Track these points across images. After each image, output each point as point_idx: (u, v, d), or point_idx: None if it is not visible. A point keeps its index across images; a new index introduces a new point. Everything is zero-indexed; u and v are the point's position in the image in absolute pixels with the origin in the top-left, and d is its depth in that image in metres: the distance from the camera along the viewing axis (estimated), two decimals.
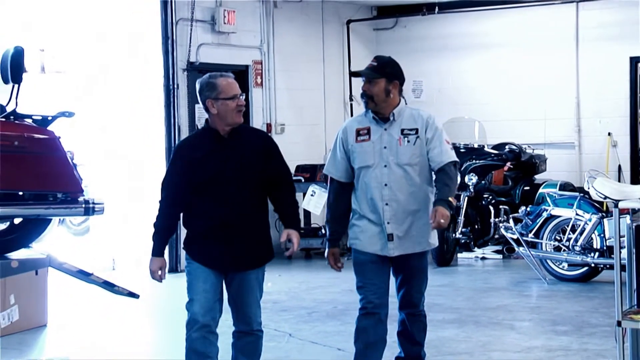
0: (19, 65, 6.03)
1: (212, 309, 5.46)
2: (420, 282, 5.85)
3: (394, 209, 5.62)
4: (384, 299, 5.73)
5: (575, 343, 7.59)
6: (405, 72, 5.94)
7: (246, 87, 12.93)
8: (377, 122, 5.71)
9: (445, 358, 7.19)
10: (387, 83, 5.69)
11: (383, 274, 5.74)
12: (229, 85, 5.43)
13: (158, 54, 11.74)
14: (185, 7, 11.91)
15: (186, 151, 5.51)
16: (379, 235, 5.69)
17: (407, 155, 5.62)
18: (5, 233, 6.40)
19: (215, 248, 5.47)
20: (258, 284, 5.60)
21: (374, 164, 5.64)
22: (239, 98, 5.45)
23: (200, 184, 5.42)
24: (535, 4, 13.56)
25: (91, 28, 10.91)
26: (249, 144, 5.50)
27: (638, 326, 4.85)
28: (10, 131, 5.95)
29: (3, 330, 8.20)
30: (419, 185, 5.66)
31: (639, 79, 13.50)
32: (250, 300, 5.56)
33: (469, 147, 12.51)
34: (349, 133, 5.75)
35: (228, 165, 5.42)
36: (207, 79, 5.48)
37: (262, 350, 5.70)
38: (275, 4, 13.22)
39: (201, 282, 5.45)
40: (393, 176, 5.62)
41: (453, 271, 11.34)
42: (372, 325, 5.74)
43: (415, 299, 5.83)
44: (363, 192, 5.71)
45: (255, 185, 5.49)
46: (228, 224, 5.43)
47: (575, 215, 10.21)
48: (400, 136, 5.63)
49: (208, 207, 5.45)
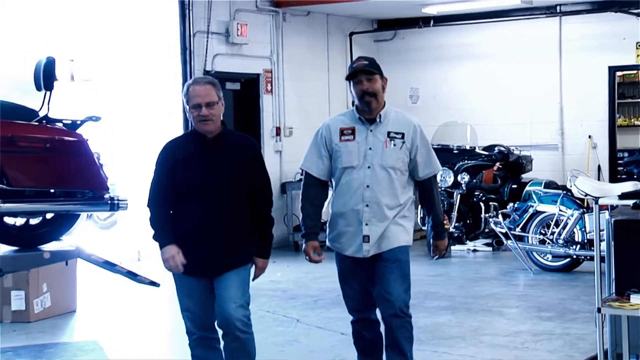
0: (50, 74, 6.04)
1: (205, 320, 5.06)
2: (395, 278, 5.18)
3: (373, 211, 5.15)
4: (368, 301, 5.29)
5: (558, 328, 7.59)
6: (403, 80, 5.95)
7: (257, 93, 12.97)
8: (362, 122, 5.21)
9: (439, 342, 7.19)
10: (381, 79, 5.21)
11: (363, 277, 5.27)
12: (195, 93, 4.91)
13: (177, 63, 11.77)
14: (202, 21, 11.94)
15: (170, 152, 5.02)
16: (355, 236, 5.19)
17: (392, 159, 5.16)
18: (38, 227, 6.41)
19: (196, 256, 4.95)
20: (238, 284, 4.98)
21: (358, 165, 5.16)
22: (201, 109, 4.88)
23: (180, 187, 4.95)
24: (522, 17, 13.54)
25: (116, 40, 10.93)
26: (233, 149, 4.99)
27: (616, 313, 4.84)
28: (42, 134, 5.96)
29: (37, 316, 8.23)
30: (400, 188, 5.21)
31: (617, 86, 13.52)
32: (226, 294, 4.94)
33: (461, 148, 12.52)
34: (333, 132, 5.25)
35: (209, 170, 4.92)
36: (187, 82, 5.05)
37: (254, 352, 5.16)
38: (284, 17, 13.23)
39: (186, 298, 5.05)
40: (376, 178, 5.15)
41: (447, 262, 11.33)
42: (364, 327, 5.38)
43: (392, 297, 5.15)
44: (343, 192, 5.22)
45: (237, 191, 4.97)
46: (208, 229, 4.94)
47: (559, 211, 10.21)
48: (387, 139, 5.16)
49: (188, 211, 4.96)
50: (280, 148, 13.23)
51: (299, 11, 13.41)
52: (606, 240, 5.15)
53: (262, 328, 7.81)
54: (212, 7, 12.02)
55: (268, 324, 7.96)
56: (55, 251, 6.24)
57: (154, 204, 5.04)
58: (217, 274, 4.98)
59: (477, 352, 6.87)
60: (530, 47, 13.65)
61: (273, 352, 7.03)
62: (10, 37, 9.81)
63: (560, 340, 7.15)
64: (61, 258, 6.46)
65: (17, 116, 5.94)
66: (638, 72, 14.01)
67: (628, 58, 13.04)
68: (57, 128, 6.05)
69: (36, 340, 7.57)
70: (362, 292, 5.29)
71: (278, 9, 13.11)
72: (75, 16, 10.55)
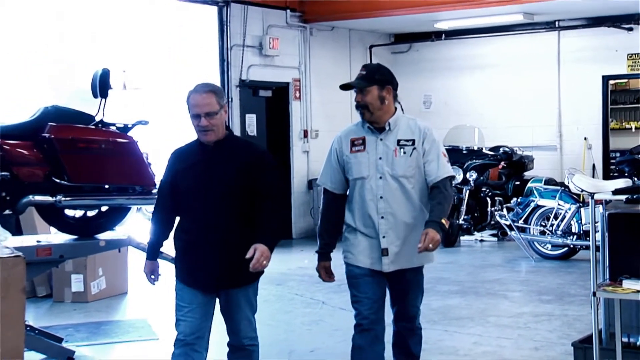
0: (105, 83, 6.06)
1: (199, 329, 4.32)
2: (415, 297, 4.63)
3: (390, 223, 4.43)
4: (379, 314, 4.52)
5: (557, 310, 7.55)
6: (417, 88, 5.75)
7: (287, 100, 12.99)
8: (372, 131, 4.50)
9: (450, 322, 7.18)
10: (379, 90, 4.45)
11: (378, 288, 4.52)
12: (194, 102, 4.34)
13: (216, 73, 11.84)
14: (238, 36, 11.98)
15: (174, 160, 4.45)
16: (372, 249, 4.46)
17: (402, 167, 4.43)
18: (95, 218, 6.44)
19: (196, 267, 4.30)
20: (247, 301, 4.37)
21: (369, 176, 4.45)
22: (200, 119, 4.27)
23: (181, 195, 4.33)
24: (524, 32, 13.48)
25: (163, 53, 11.00)
26: (236, 156, 4.30)
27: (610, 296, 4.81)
28: (98, 136, 5.98)
29: (94, 296, 8.30)
30: (415, 198, 4.45)
31: (610, 93, 13.45)
32: (238, 317, 4.37)
33: (469, 149, 12.48)
34: (344, 143, 4.55)
35: (209, 178, 4.26)
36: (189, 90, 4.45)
37: None
38: (311, 32, 13.24)
39: (186, 304, 4.34)
40: (388, 188, 4.42)
41: (457, 251, 11.30)
42: (369, 344, 4.50)
43: (411, 313, 4.63)
44: (357, 205, 4.50)
45: (239, 201, 4.25)
46: (208, 240, 4.24)
47: (557, 205, 10.16)
48: (396, 147, 4.45)
49: (189, 221, 4.33)
50: (308, 149, 13.24)
51: (324, 26, 13.41)
52: (601, 231, 5.12)
53: (291, 309, 7.84)
54: (247, 23, 12.07)
55: (297, 305, 7.98)
56: (110, 240, 6.27)
57: (155, 210, 4.53)
58: (223, 287, 4.32)
59: (484, 331, 6.85)
60: (532, 58, 13.58)
61: (301, 330, 7.06)
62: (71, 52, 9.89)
63: (558, 321, 7.12)
64: (114, 246, 6.48)
65: (76, 121, 5.97)
66: (629, 81, 13.94)
67: (620, 68, 13.00)
68: (111, 131, 6.07)
69: (93, 318, 7.63)
70: (375, 301, 4.52)
71: (306, 25, 13.12)
72: (127, 32, 10.63)
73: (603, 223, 5.08)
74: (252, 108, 12.58)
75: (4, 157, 5.65)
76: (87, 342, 6.74)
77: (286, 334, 6.97)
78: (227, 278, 4.28)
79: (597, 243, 5.20)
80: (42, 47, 9.65)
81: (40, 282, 8.51)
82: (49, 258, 5.75)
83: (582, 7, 12.00)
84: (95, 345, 6.65)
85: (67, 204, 5.86)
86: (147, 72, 11.71)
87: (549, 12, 12.47)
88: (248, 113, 12.51)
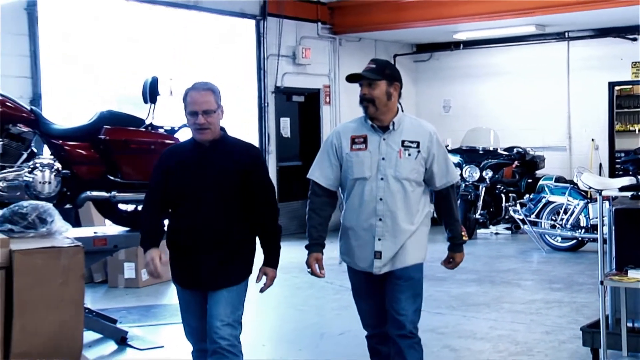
0: (154, 90, 6.10)
1: (203, 334, 3.96)
2: (407, 298, 4.00)
3: (387, 225, 3.95)
4: (383, 316, 4.10)
5: (566, 297, 7.51)
6: (437, 93, 5.69)
7: (318, 105, 13.00)
8: (375, 130, 4.02)
9: (468, 308, 7.17)
10: (387, 85, 4.01)
11: (376, 292, 4.10)
12: (192, 100, 3.93)
13: (253, 81, 11.88)
14: (274, 46, 12.02)
15: (166, 157, 4.04)
16: (367, 251, 3.99)
17: (407, 169, 3.95)
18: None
19: (189, 267, 3.91)
20: (229, 300, 3.89)
21: (370, 176, 3.96)
22: (198, 116, 3.88)
23: (173, 195, 3.93)
24: (536, 42, 13.39)
25: (206, 62, 11.07)
26: (230, 155, 3.92)
27: (616, 285, 4.78)
28: (148, 138, 6.03)
29: (144, 282, 8.38)
30: (415, 201, 3.99)
31: (615, 98, 13.34)
32: (214, 312, 3.86)
33: (486, 149, 12.40)
34: (343, 139, 4.06)
35: (201, 177, 3.88)
36: (187, 88, 4.03)
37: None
38: (340, 42, 13.23)
39: (184, 311, 4.04)
40: (389, 190, 3.94)
41: (474, 243, 11.25)
42: (379, 342, 4.19)
43: (402, 318, 3.97)
44: (355, 205, 4.01)
45: (232, 200, 3.87)
46: (200, 240, 3.87)
47: (567, 201, 10.08)
48: (401, 148, 3.96)
49: (181, 220, 3.92)
50: None
51: (352, 37, 13.40)
52: (608, 225, 5.09)
53: (322, 295, 7.86)
54: (282, 35, 12.10)
55: (327, 292, 7.99)
56: None
57: (143, 210, 4.15)
58: (212, 288, 3.90)
59: (499, 316, 6.83)
60: (543, 66, 13.50)
61: (331, 315, 7.07)
62: (124, 62, 10.00)
63: (568, 307, 7.08)
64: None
65: (129, 124, 6.02)
66: (633, 87, 13.82)
67: (625, 75, 12.89)
68: (160, 133, 6.12)
69: (144, 302, 7.70)
70: (376, 308, 4.13)
71: (335, 36, 13.12)
72: (174, 43, 10.73)
73: (610, 217, 5.05)
74: (286, 112, 12.62)
75: (65, 157, 5.73)
76: (138, 323, 6.81)
77: (318, 317, 6.99)
78: (219, 276, 3.89)
79: (604, 236, 5.17)
80: (102, 57, 9.77)
81: (97, 269, 8.61)
82: (105, 248, 5.81)
83: (589, 19, 11.91)
84: (146, 327, 6.71)
85: (121, 199, 5.92)
86: (192, 80, 11.79)
87: (559, 23, 12.38)
88: (282, 117, 12.55)
